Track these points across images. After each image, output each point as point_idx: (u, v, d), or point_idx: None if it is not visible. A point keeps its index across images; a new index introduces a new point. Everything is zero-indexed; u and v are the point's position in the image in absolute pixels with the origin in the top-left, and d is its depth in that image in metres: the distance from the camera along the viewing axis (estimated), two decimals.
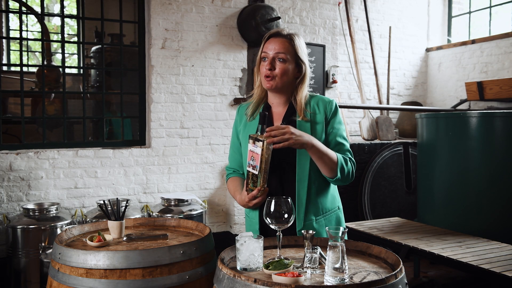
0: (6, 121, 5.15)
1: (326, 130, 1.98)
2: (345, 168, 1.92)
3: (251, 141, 1.81)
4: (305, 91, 2.01)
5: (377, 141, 5.35)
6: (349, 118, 6.00)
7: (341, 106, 5.12)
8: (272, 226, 1.64)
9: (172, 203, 4.04)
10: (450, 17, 6.62)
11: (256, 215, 2.00)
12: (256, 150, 1.78)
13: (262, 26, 4.51)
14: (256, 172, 1.80)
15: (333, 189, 2.07)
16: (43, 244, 3.27)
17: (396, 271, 1.42)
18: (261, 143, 1.76)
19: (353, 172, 1.98)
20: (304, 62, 1.98)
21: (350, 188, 4.90)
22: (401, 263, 1.49)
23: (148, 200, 4.35)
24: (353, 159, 1.99)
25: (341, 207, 2.11)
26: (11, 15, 7.72)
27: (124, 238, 1.93)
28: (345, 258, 1.41)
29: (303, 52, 1.98)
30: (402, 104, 6.31)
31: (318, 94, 2.13)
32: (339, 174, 1.90)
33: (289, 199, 1.64)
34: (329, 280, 1.40)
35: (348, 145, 2.00)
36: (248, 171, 1.84)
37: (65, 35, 6.42)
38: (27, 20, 7.66)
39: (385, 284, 1.34)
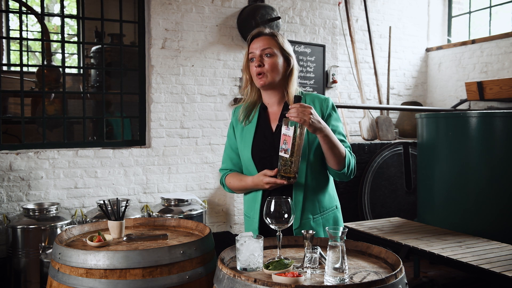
0: (6, 121, 5.15)
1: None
2: (351, 162, 1.93)
3: (284, 124, 1.78)
4: (295, 84, 2.02)
5: (377, 141, 5.35)
6: (349, 118, 6.00)
7: (341, 106, 5.13)
8: (272, 226, 1.64)
9: (172, 203, 4.04)
10: (450, 17, 6.62)
11: (257, 214, 1.99)
12: (288, 133, 1.76)
13: (262, 26, 4.51)
14: (287, 156, 1.76)
15: (331, 188, 2.07)
16: (43, 244, 3.27)
17: (396, 271, 1.42)
18: (293, 126, 1.74)
19: (355, 168, 1.99)
20: (290, 54, 2.00)
21: (350, 188, 4.90)
22: (401, 263, 1.49)
23: (148, 200, 4.35)
24: (354, 155, 2.00)
25: (339, 206, 2.10)
26: (11, 15, 7.72)
27: (124, 238, 1.93)
28: (345, 258, 1.41)
29: (288, 46, 2.01)
30: (402, 104, 6.31)
31: (315, 92, 2.13)
32: (345, 167, 1.89)
33: (289, 199, 1.64)
34: (329, 280, 1.40)
35: (347, 142, 2.00)
36: (280, 156, 1.80)
37: (65, 35, 6.42)
38: (27, 20, 7.66)
39: (385, 284, 1.34)
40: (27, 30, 7.79)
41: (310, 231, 1.58)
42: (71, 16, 7.83)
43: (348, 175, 1.94)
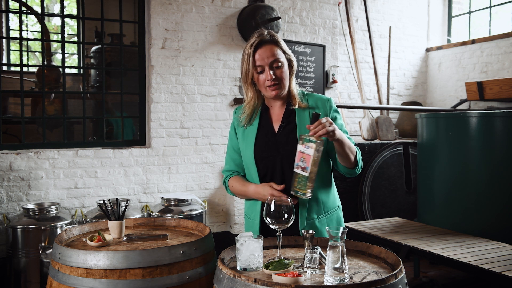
0: (6, 121, 5.15)
1: None
2: (360, 157, 1.96)
3: (301, 142, 1.76)
4: (294, 80, 2.03)
5: (377, 141, 5.35)
6: (349, 118, 6.00)
7: (341, 106, 5.13)
8: (272, 226, 1.64)
9: (172, 203, 4.04)
10: (450, 17, 6.62)
11: (258, 215, 1.99)
12: (307, 151, 1.74)
13: (262, 26, 4.51)
14: (306, 174, 1.75)
15: (334, 189, 2.09)
16: (43, 244, 3.27)
17: (396, 271, 1.42)
18: (313, 144, 1.73)
19: (362, 164, 2.02)
20: (291, 55, 2.00)
21: (350, 188, 4.90)
22: (401, 263, 1.49)
23: (148, 200, 4.35)
24: (358, 148, 2.02)
25: (340, 206, 2.12)
26: (11, 15, 7.72)
27: (124, 238, 1.93)
28: (345, 258, 1.41)
29: (286, 46, 2.00)
30: (402, 104, 6.31)
31: (318, 94, 2.13)
32: (356, 165, 1.93)
33: (289, 199, 1.64)
34: (329, 280, 1.40)
35: (351, 138, 2.01)
36: (296, 173, 1.78)
37: (65, 35, 6.42)
38: (27, 20, 7.66)
39: (385, 284, 1.34)
40: (27, 30, 7.79)
41: (310, 231, 1.58)
42: (71, 16, 7.83)
43: (359, 170, 1.98)
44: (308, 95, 2.05)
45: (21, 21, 4.54)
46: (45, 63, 4.59)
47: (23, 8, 4.70)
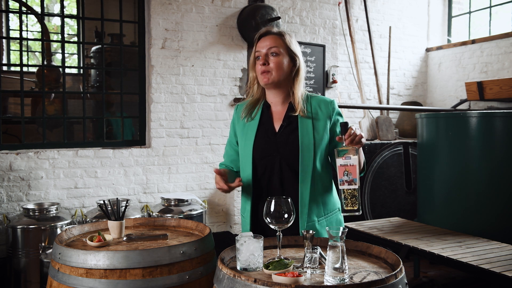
0: (6, 121, 5.15)
1: (331, 128, 2.00)
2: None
3: (338, 155, 1.71)
4: (301, 86, 2.03)
5: (377, 141, 5.35)
6: (349, 118, 6.00)
7: (341, 106, 5.12)
8: (272, 226, 1.64)
9: (172, 203, 4.04)
10: (450, 17, 6.62)
11: (249, 214, 2.00)
12: (350, 162, 1.70)
13: (262, 26, 4.51)
14: (356, 186, 1.69)
15: (334, 191, 2.08)
16: (43, 244, 3.27)
17: (396, 271, 1.42)
18: (353, 154, 1.69)
19: None
20: (297, 55, 2.00)
21: None
22: (401, 263, 1.49)
23: (148, 200, 4.35)
24: None
25: (341, 208, 2.11)
26: (11, 15, 7.72)
27: (124, 238, 1.93)
28: (345, 258, 1.41)
29: (295, 46, 2.01)
30: (402, 104, 6.31)
31: (319, 94, 2.13)
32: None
33: (289, 199, 1.63)
34: (329, 280, 1.40)
35: None
36: (344, 190, 1.71)
37: (65, 35, 6.42)
38: (27, 20, 7.66)
39: (385, 284, 1.34)
40: (27, 30, 7.79)
41: (310, 231, 1.58)
42: (71, 16, 7.83)
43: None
44: (311, 97, 2.05)
45: (21, 21, 4.53)
46: (45, 63, 4.59)
47: (23, 8, 4.70)
